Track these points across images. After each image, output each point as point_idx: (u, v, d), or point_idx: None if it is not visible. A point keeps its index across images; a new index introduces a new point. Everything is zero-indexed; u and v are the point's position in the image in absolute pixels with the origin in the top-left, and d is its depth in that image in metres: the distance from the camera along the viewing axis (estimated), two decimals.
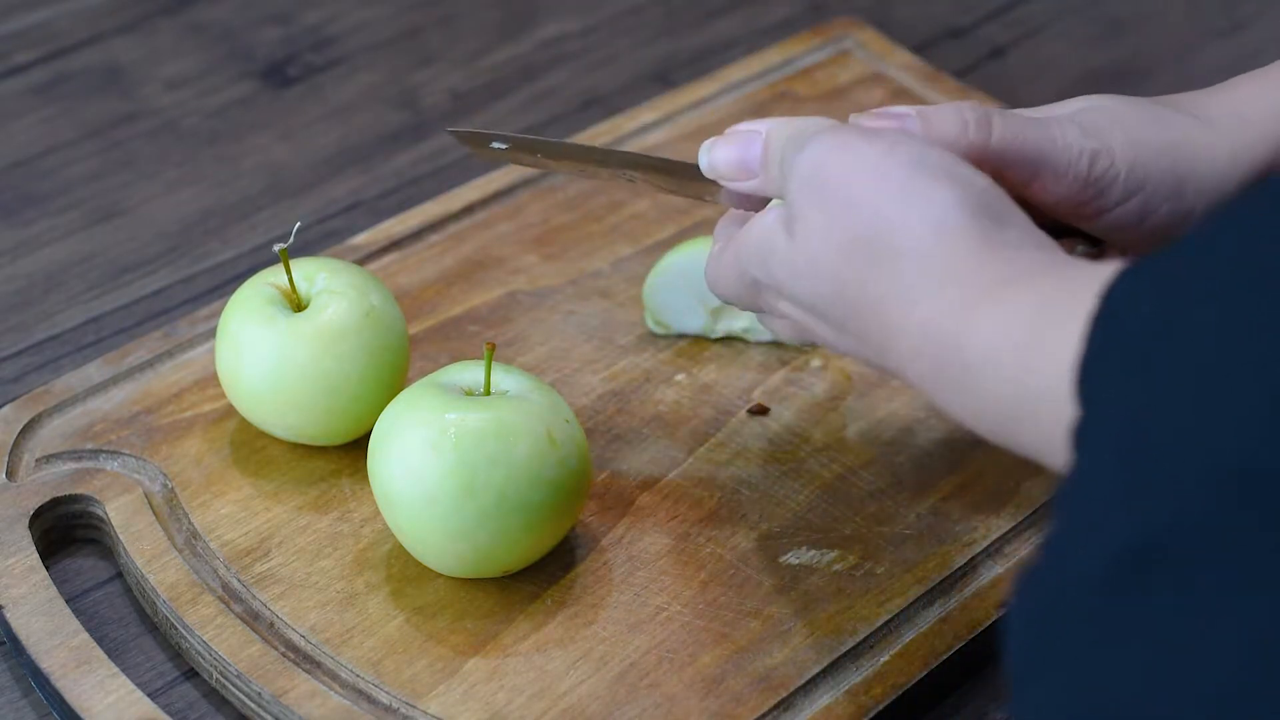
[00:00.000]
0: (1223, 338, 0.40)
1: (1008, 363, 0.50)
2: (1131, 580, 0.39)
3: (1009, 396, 0.51)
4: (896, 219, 0.55)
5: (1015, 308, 0.51)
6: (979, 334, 0.52)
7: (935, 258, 0.54)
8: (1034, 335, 0.50)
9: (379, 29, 1.03)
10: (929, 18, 1.05)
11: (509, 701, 0.64)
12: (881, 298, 0.55)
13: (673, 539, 0.70)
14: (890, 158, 0.56)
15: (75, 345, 0.82)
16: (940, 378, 0.54)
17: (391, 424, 0.67)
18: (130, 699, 0.64)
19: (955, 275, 0.53)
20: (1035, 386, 0.49)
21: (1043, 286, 0.51)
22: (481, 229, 0.85)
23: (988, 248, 0.54)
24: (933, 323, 0.53)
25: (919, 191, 0.55)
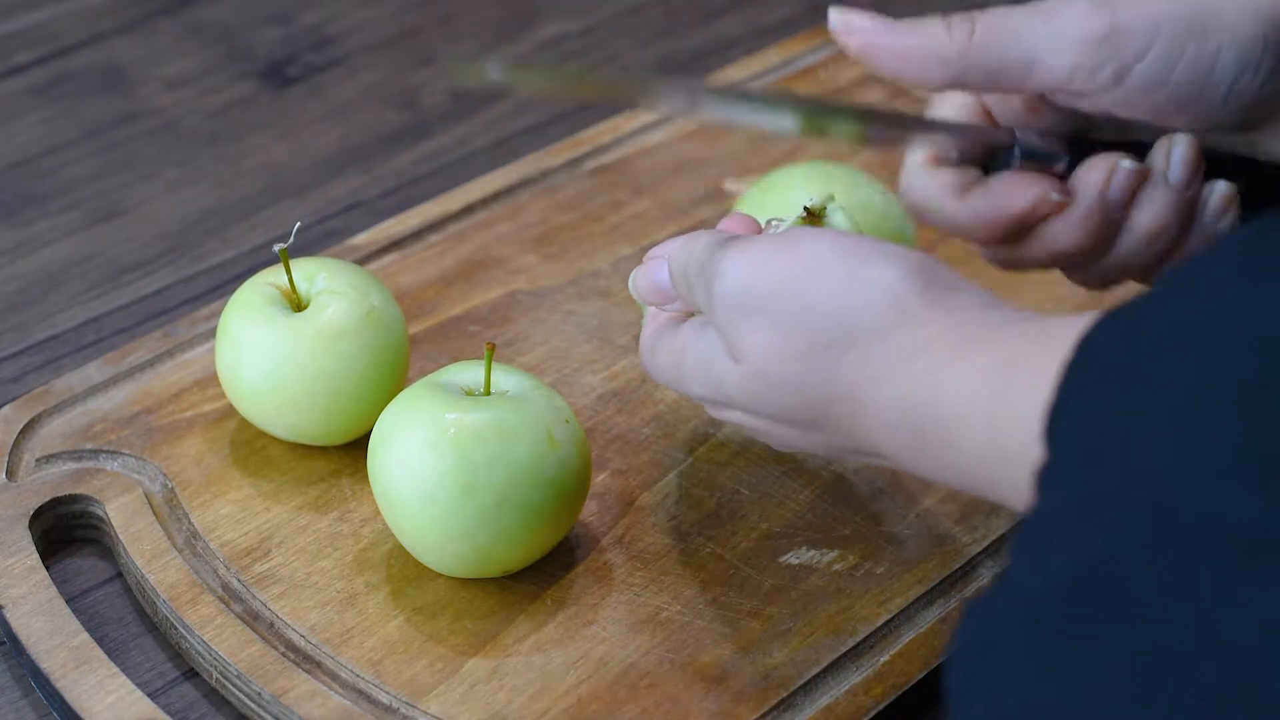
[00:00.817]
0: (1181, 391, 0.41)
1: (979, 420, 0.51)
2: (1068, 608, 0.40)
3: (984, 452, 0.51)
4: (850, 308, 0.55)
5: (981, 364, 0.51)
6: (950, 396, 0.52)
7: (896, 334, 0.54)
8: (1003, 389, 0.50)
9: (379, 29, 1.03)
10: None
11: (509, 701, 0.64)
12: (851, 386, 0.55)
13: (673, 539, 0.70)
14: (816, 256, 0.56)
15: (75, 345, 0.82)
16: (918, 447, 0.54)
17: (391, 424, 0.66)
18: (130, 699, 0.64)
19: (919, 346, 0.53)
20: (1007, 442, 0.49)
21: (1004, 343, 0.51)
22: (481, 229, 0.85)
23: (944, 313, 0.54)
24: (905, 396, 0.53)
25: (861, 277, 0.55)
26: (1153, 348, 0.42)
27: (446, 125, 0.96)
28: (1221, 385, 0.40)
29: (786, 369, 0.56)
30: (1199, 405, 0.40)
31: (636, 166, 0.89)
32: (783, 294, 0.56)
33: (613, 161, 0.90)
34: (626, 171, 0.89)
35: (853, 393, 0.55)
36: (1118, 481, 0.41)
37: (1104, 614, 0.39)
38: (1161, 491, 0.40)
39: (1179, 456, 0.40)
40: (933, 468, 0.54)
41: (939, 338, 0.53)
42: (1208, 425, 0.40)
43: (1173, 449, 0.40)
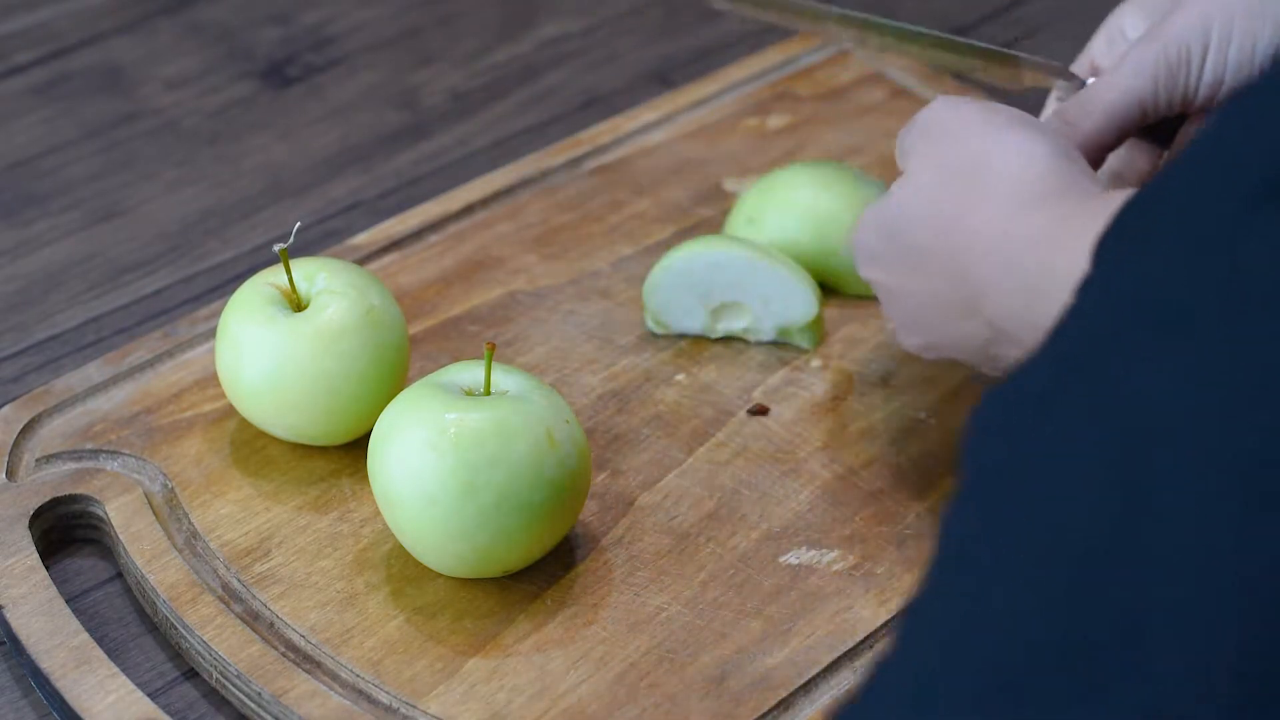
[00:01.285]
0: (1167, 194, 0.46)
1: (1062, 259, 0.58)
2: (1061, 381, 0.44)
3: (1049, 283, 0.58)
4: (994, 153, 0.63)
5: (1075, 212, 0.59)
6: (1048, 238, 0.60)
7: (1026, 185, 0.62)
8: (1063, 234, 0.59)
9: (379, 29, 1.03)
10: (929, 17, 1.05)
11: (509, 701, 0.64)
12: (976, 216, 0.63)
13: (673, 539, 0.70)
14: (995, 112, 0.65)
15: (75, 345, 0.82)
16: (1015, 288, 0.61)
17: (391, 424, 0.66)
18: (130, 699, 0.64)
19: (1042, 201, 0.61)
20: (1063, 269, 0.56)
21: (1096, 202, 0.59)
22: (481, 229, 0.85)
23: (1070, 184, 0.62)
24: (1020, 237, 0.61)
25: (1015, 135, 0.64)
26: (1159, 198, 0.47)
27: (446, 125, 0.96)
28: (1189, 208, 0.45)
29: (929, 178, 0.65)
30: (1173, 226, 0.45)
31: (636, 166, 0.89)
32: (951, 127, 0.66)
33: (613, 161, 0.90)
34: (626, 171, 0.89)
35: (975, 225, 0.63)
36: (1110, 289, 0.46)
37: (1088, 377, 0.43)
38: (1135, 288, 0.44)
39: (1153, 262, 0.45)
40: (1032, 320, 0.60)
41: (1059, 201, 0.61)
42: (1176, 237, 0.45)
43: (1151, 257, 0.45)
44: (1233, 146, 0.45)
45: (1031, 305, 0.60)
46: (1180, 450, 0.40)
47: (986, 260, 0.62)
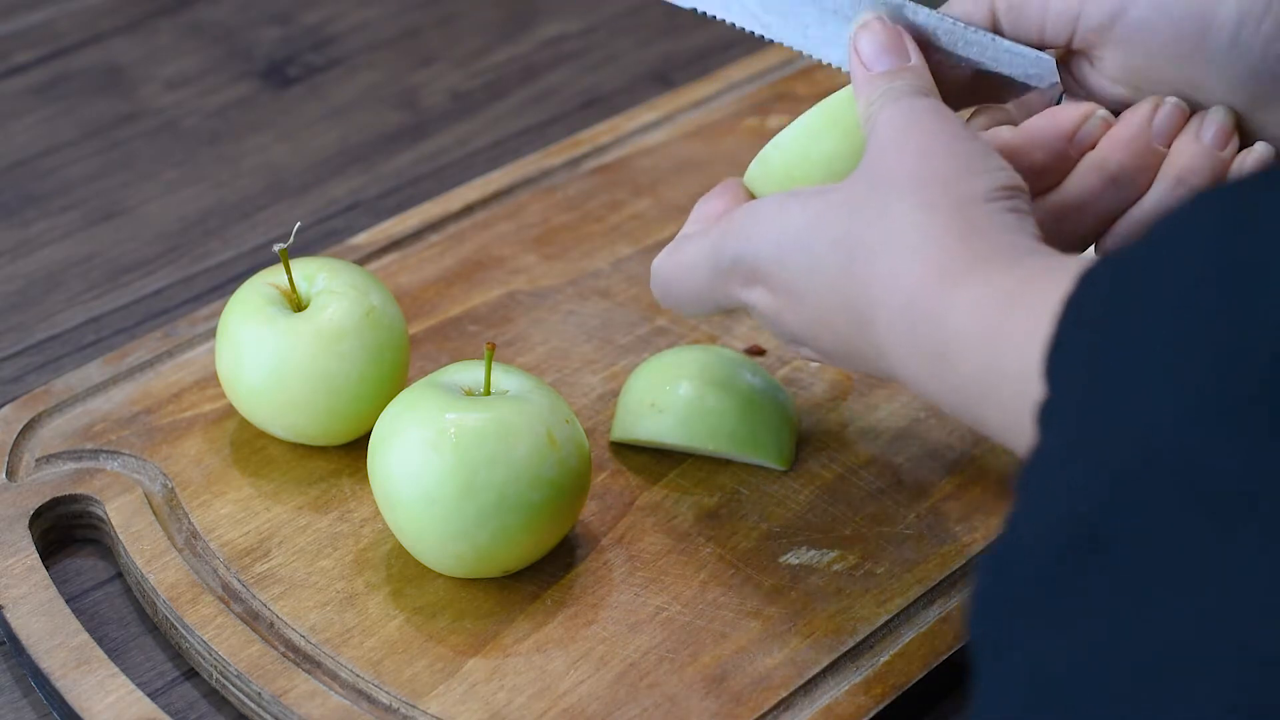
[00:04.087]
0: (1170, 331, 0.42)
1: (980, 341, 0.52)
2: (1074, 557, 0.41)
3: (980, 375, 0.52)
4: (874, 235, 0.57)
5: (992, 288, 0.53)
6: (957, 311, 0.53)
7: (916, 237, 0.56)
8: (1007, 315, 0.51)
9: (379, 29, 1.03)
10: None
11: (509, 701, 0.64)
12: (870, 287, 0.57)
13: (673, 539, 0.70)
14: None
15: (75, 345, 0.82)
16: (923, 362, 0.55)
17: (391, 424, 0.67)
18: (130, 699, 0.64)
19: (937, 252, 0.55)
20: (1004, 366, 0.51)
21: (1019, 269, 0.53)
22: (481, 229, 0.85)
23: (971, 231, 0.55)
24: (917, 297, 0.55)
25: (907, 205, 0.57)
26: (1144, 291, 0.43)
27: (446, 125, 0.96)
28: (1202, 334, 0.41)
29: (824, 254, 0.58)
30: (1182, 352, 0.41)
31: (636, 166, 0.89)
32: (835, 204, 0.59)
33: (613, 161, 0.90)
34: (626, 171, 0.89)
35: (869, 286, 0.57)
36: (1109, 427, 0.42)
37: (1097, 568, 0.40)
38: (1148, 440, 0.41)
39: (1163, 404, 0.41)
40: (928, 380, 0.55)
41: (957, 250, 0.55)
42: (1188, 373, 0.41)
43: (1158, 396, 0.41)
44: (1255, 283, 0.41)
45: (937, 371, 0.55)
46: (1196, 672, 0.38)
47: (882, 318, 0.56)
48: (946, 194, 0.56)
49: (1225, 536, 0.38)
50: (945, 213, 0.56)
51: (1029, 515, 0.43)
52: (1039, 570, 0.41)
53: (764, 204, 0.61)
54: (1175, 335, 0.42)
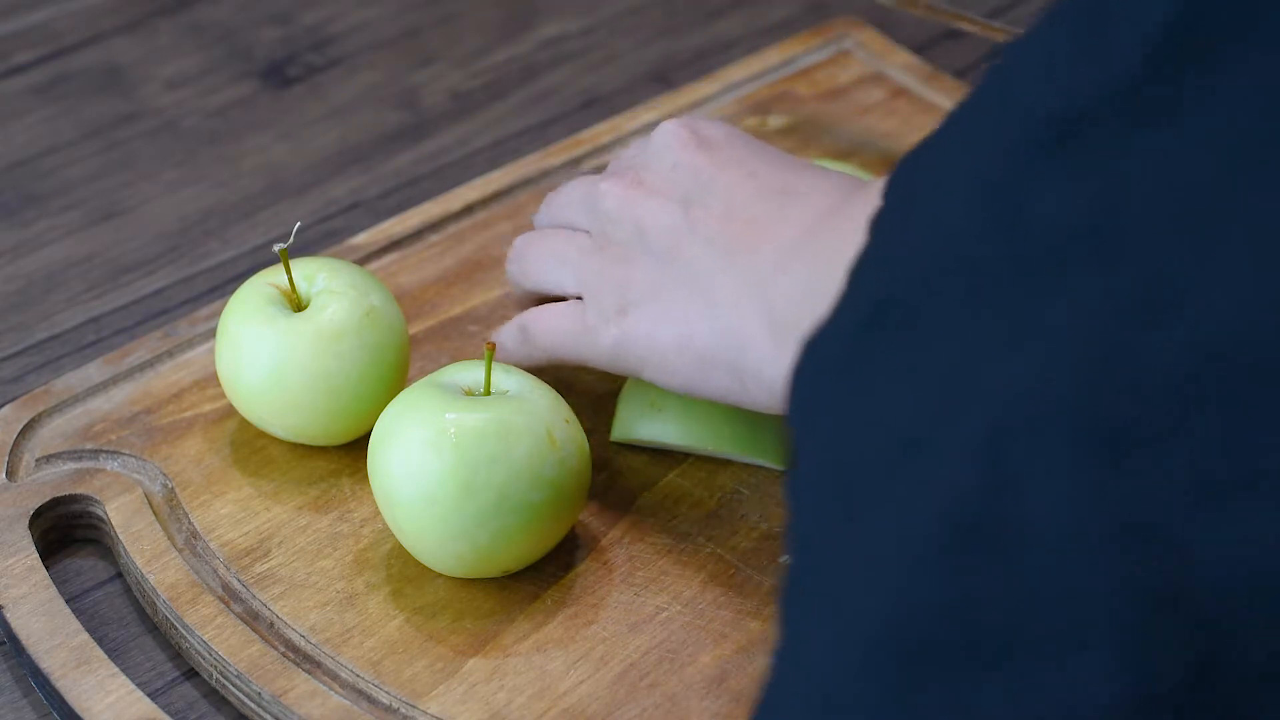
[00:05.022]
0: (948, 146, 0.47)
1: (801, 323, 0.55)
2: (872, 327, 0.44)
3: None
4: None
5: (800, 269, 0.60)
6: (779, 296, 0.62)
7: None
8: (813, 292, 0.58)
9: (379, 29, 1.03)
10: (929, 17, 1.05)
11: (509, 701, 0.64)
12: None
13: (673, 539, 0.70)
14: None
15: (75, 345, 0.82)
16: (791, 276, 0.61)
17: (391, 424, 0.67)
18: (130, 699, 0.64)
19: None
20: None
21: (819, 246, 0.60)
22: (481, 229, 0.85)
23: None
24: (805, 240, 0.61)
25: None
26: (932, 137, 0.48)
27: (446, 125, 0.96)
28: (966, 140, 0.46)
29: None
30: (953, 158, 0.46)
31: None
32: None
33: (612, 161, 0.90)
34: None
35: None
36: (906, 225, 0.46)
37: (889, 340, 0.44)
38: (927, 234, 0.45)
39: (941, 201, 0.45)
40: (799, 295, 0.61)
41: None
42: (958, 174, 0.45)
43: (937, 196, 0.45)
44: (1017, 85, 0.44)
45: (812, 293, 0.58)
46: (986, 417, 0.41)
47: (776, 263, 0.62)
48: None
49: (981, 300, 0.42)
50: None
51: (842, 299, 0.46)
52: (843, 342, 0.45)
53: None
54: (944, 149, 0.47)
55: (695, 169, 0.67)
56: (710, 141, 0.68)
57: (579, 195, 0.72)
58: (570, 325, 0.69)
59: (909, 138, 0.92)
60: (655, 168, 0.68)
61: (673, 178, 0.67)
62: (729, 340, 0.63)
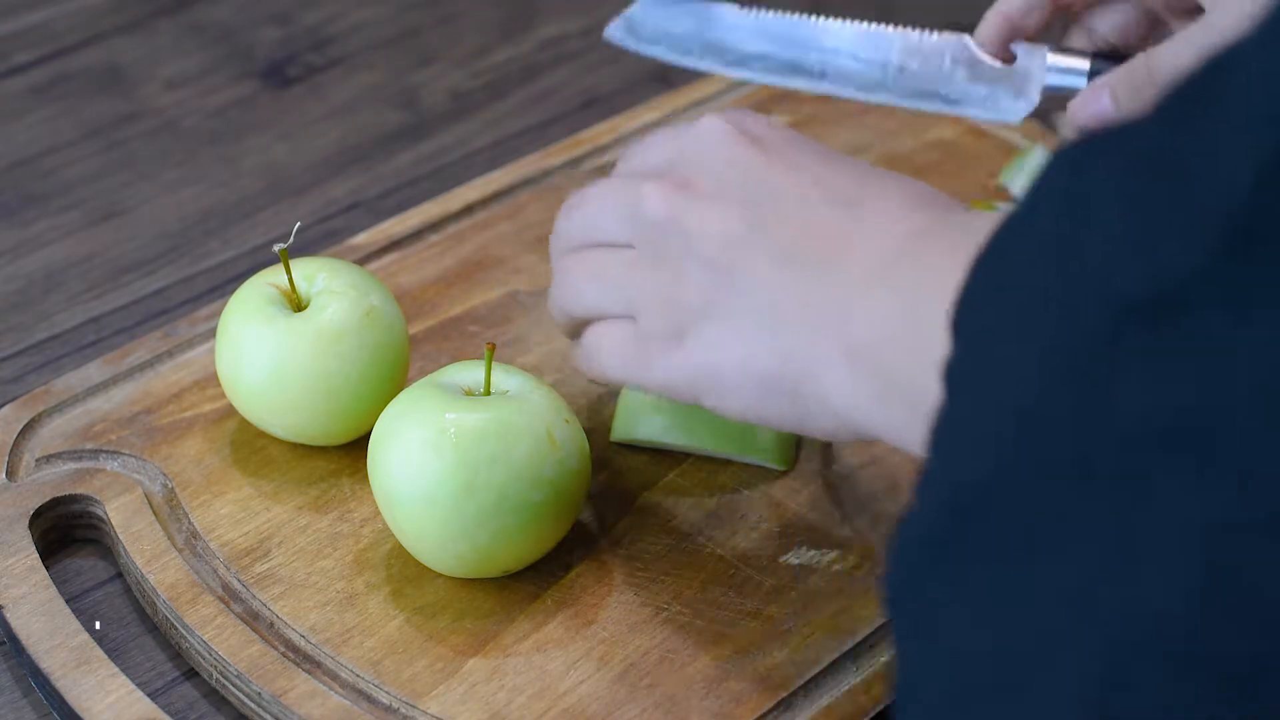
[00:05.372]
0: (1031, 298, 0.42)
1: (883, 354, 0.53)
2: (962, 513, 0.41)
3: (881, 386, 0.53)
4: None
5: (887, 297, 0.54)
6: (859, 324, 0.55)
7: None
8: (898, 329, 0.53)
9: (379, 29, 1.03)
10: (929, 17, 1.05)
11: (509, 701, 0.64)
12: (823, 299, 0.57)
13: (673, 539, 0.70)
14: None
15: (75, 345, 0.82)
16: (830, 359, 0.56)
17: (391, 424, 0.67)
18: (130, 699, 0.64)
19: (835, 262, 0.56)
20: (900, 379, 0.51)
21: (904, 277, 0.54)
22: (481, 229, 0.85)
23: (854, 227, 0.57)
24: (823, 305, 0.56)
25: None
26: (1019, 244, 0.44)
27: (446, 125, 0.96)
28: (1050, 300, 0.41)
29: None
30: (1038, 319, 0.41)
31: None
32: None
33: (613, 161, 0.90)
34: None
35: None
36: (990, 389, 0.42)
37: (982, 530, 0.40)
38: (1015, 407, 0.41)
39: (1024, 373, 0.41)
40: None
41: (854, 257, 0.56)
42: (1042, 342, 0.41)
43: (1020, 364, 0.41)
44: (1093, 250, 0.40)
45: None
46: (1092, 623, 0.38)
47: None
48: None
49: (1079, 498, 0.39)
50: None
51: (930, 473, 0.43)
52: (933, 526, 0.42)
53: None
54: (1029, 302, 0.42)
55: (750, 169, 0.60)
56: (761, 139, 0.61)
57: (613, 202, 0.64)
58: (620, 349, 0.64)
59: (909, 138, 0.92)
60: (704, 167, 0.62)
61: (726, 178, 0.61)
62: (797, 365, 0.57)
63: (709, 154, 0.62)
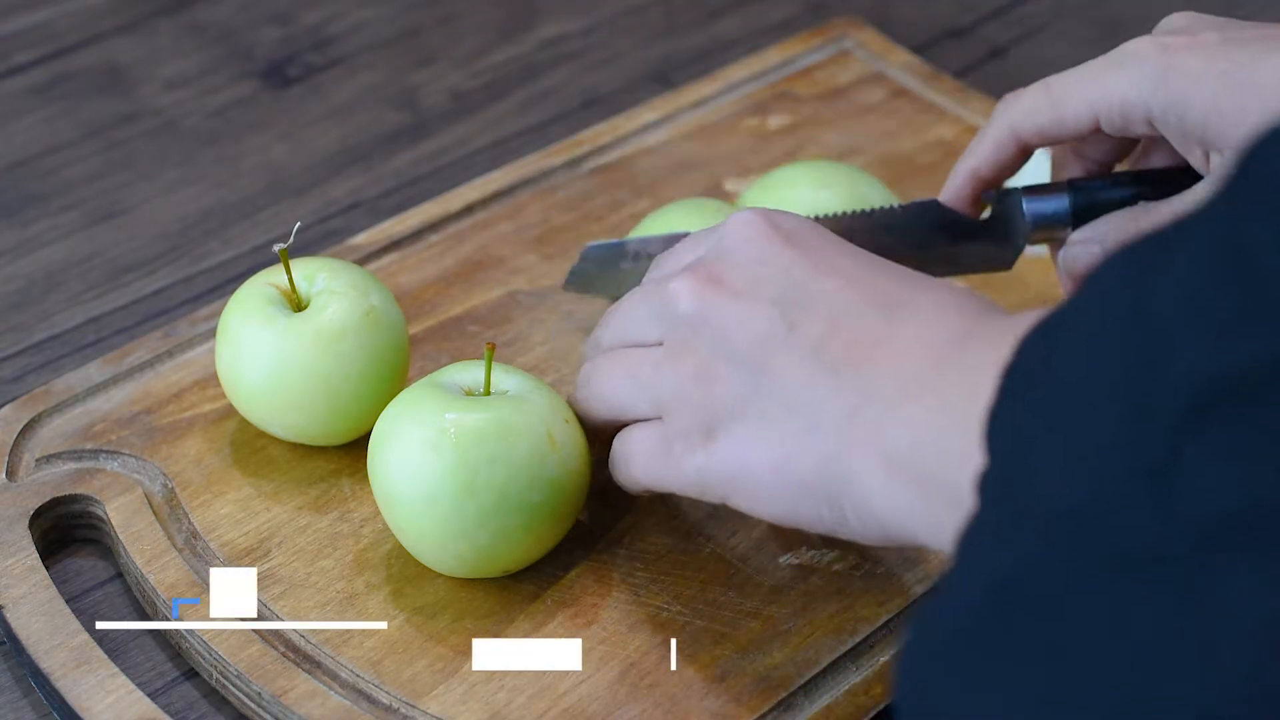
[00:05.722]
0: (1080, 400, 0.41)
1: (922, 462, 0.52)
2: (990, 623, 0.40)
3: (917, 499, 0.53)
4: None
5: (926, 405, 0.53)
6: (898, 432, 0.54)
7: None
8: (938, 437, 0.51)
9: (379, 29, 1.03)
10: (929, 18, 1.05)
11: (509, 701, 0.64)
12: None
13: (673, 539, 0.70)
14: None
15: (75, 345, 0.82)
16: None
17: (391, 424, 0.66)
18: (130, 699, 0.64)
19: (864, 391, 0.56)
20: (940, 485, 0.50)
21: (945, 385, 0.53)
22: (481, 229, 0.85)
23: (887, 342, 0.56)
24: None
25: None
26: (1060, 354, 0.43)
27: (446, 125, 0.96)
28: (1112, 395, 0.40)
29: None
30: (1094, 415, 0.40)
31: (636, 166, 0.89)
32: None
33: (613, 161, 0.90)
34: (626, 171, 0.89)
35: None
36: (1029, 493, 0.41)
37: (1019, 629, 0.39)
38: (1063, 506, 0.40)
39: (1077, 470, 0.40)
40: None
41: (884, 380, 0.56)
42: (1101, 438, 0.40)
43: (1072, 463, 0.40)
44: (1156, 325, 0.40)
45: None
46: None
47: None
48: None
49: (1136, 596, 0.38)
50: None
51: (958, 577, 0.42)
52: (964, 627, 0.41)
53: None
54: (1081, 400, 0.41)
55: (785, 267, 0.59)
56: (794, 236, 0.60)
57: (644, 302, 0.64)
58: (649, 452, 0.63)
59: (909, 138, 0.92)
60: (735, 264, 0.60)
61: (759, 276, 0.59)
62: (834, 469, 0.56)
63: (740, 251, 0.60)
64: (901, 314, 0.56)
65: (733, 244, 0.61)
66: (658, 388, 0.62)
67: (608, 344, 0.66)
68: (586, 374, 0.67)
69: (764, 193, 0.81)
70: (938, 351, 0.54)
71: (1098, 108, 0.65)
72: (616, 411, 0.65)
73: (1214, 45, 0.62)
